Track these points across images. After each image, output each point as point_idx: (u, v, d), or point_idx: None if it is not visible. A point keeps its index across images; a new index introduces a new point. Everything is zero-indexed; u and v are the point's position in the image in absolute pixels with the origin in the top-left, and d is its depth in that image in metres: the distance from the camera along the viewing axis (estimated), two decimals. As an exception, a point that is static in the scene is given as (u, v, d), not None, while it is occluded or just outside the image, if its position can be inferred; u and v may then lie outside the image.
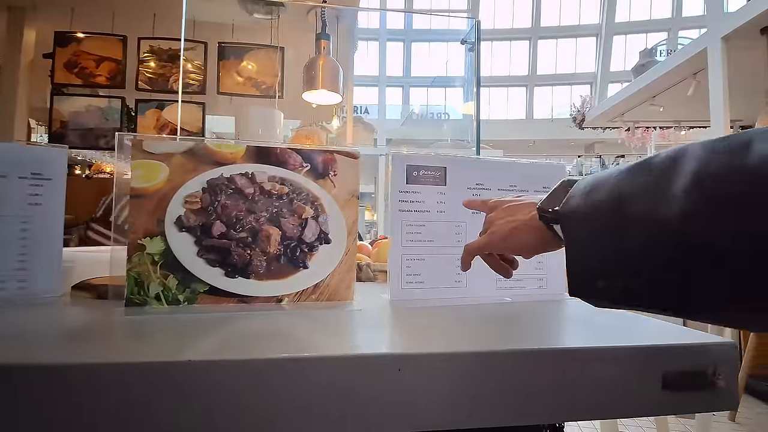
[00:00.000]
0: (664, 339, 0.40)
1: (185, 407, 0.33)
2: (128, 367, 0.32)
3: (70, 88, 2.86)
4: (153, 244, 0.51)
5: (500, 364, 0.37)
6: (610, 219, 0.32)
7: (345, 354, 0.34)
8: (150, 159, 0.51)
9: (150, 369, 0.33)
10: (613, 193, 0.32)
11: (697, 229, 0.26)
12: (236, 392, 0.34)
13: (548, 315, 0.57)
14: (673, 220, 0.27)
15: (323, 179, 0.57)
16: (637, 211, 0.30)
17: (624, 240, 0.31)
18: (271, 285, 0.54)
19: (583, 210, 0.35)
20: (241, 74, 3.10)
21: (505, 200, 0.49)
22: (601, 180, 0.35)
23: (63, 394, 0.32)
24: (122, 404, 0.32)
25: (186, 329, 0.45)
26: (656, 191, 0.29)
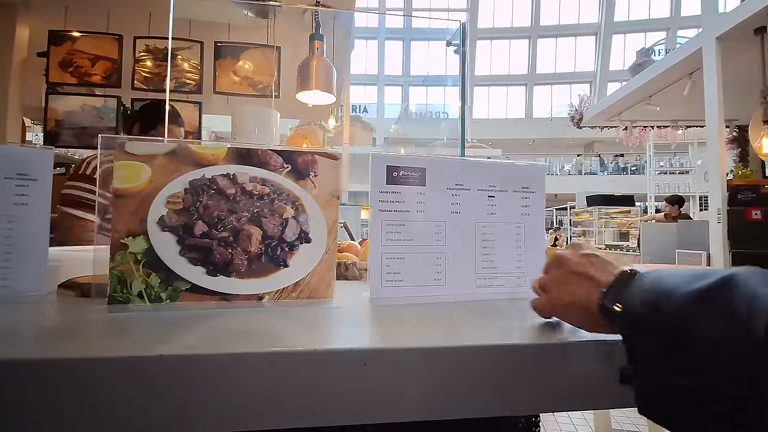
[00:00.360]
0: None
1: (158, 401, 0.34)
2: (101, 362, 0.34)
3: (65, 87, 2.87)
4: (135, 244, 0.52)
5: (468, 359, 0.39)
6: (671, 345, 0.32)
7: (311, 349, 0.36)
8: (132, 160, 0.52)
9: (122, 363, 0.34)
10: (677, 320, 0.32)
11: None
12: (207, 386, 0.35)
13: (522, 312, 0.58)
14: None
15: (304, 180, 0.58)
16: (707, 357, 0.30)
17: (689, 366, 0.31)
18: (252, 283, 0.55)
19: (645, 325, 0.34)
20: (237, 74, 3.11)
21: (571, 259, 0.46)
22: (664, 294, 0.34)
23: (40, 389, 0.33)
24: (97, 398, 0.33)
25: (166, 326, 0.46)
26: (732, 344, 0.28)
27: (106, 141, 0.52)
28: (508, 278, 0.67)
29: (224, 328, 0.47)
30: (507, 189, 0.67)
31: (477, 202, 0.65)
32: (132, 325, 0.46)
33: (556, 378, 0.40)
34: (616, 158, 18.65)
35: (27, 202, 0.58)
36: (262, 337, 0.45)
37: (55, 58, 2.81)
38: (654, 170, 9.04)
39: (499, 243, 0.66)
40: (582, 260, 0.45)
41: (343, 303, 0.59)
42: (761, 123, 3.74)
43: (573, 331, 0.45)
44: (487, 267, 0.66)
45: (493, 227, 0.66)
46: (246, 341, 0.42)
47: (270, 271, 0.56)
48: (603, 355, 0.41)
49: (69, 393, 0.33)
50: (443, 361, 0.38)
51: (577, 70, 22.06)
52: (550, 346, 0.41)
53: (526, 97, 22.73)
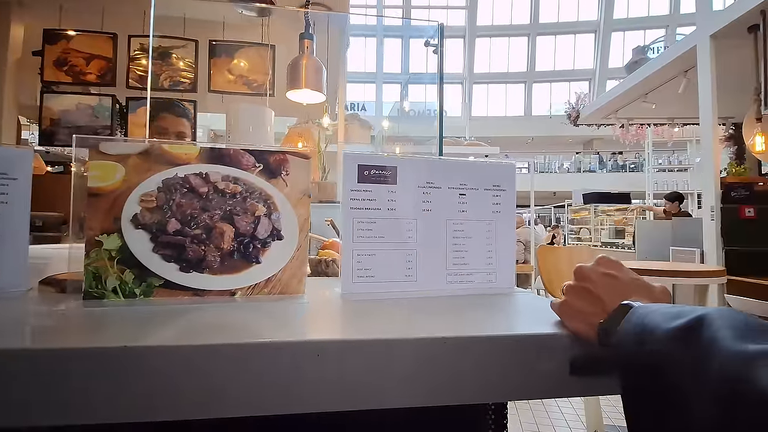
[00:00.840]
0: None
1: (123, 391, 0.36)
2: (66, 353, 0.35)
3: (60, 86, 2.88)
4: (110, 241, 0.54)
5: (427, 349, 0.40)
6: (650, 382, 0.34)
7: (276, 340, 0.37)
8: (106, 160, 0.54)
9: (87, 354, 0.35)
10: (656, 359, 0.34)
11: None
12: (171, 376, 0.37)
13: (488, 306, 0.60)
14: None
15: (276, 179, 0.60)
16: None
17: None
18: (225, 279, 0.57)
19: (633, 358, 0.36)
20: (232, 72, 3.12)
21: (590, 276, 0.47)
22: (647, 330, 0.36)
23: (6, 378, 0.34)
24: (63, 387, 0.35)
25: (138, 320, 0.48)
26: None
27: (80, 141, 0.54)
28: (479, 274, 0.68)
29: (196, 322, 0.49)
30: (478, 187, 0.68)
31: (448, 200, 0.67)
32: (105, 319, 0.48)
33: (520, 367, 0.42)
34: (613, 156, 18.66)
35: (7, 201, 0.59)
36: (232, 331, 0.46)
37: (50, 57, 2.82)
38: (652, 168, 9.05)
39: (470, 240, 0.68)
40: (599, 280, 0.46)
41: (315, 298, 0.60)
42: (754, 121, 3.75)
43: (533, 325, 0.47)
44: (458, 263, 0.67)
45: (464, 225, 0.68)
46: (215, 334, 0.44)
47: (242, 267, 0.58)
48: (566, 346, 0.42)
49: (33, 382, 0.35)
50: (403, 352, 0.40)
51: (576, 68, 22.04)
52: (515, 337, 0.43)
53: (525, 95, 22.71)
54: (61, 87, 2.91)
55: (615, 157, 18.72)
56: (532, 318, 0.55)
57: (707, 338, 0.31)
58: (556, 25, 22.03)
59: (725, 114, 5.65)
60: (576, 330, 0.44)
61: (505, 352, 0.42)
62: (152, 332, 0.45)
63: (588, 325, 0.43)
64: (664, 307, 0.37)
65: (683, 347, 0.33)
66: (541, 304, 0.60)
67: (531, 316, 0.56)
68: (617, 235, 6.63)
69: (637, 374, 0.35)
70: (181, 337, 0.41)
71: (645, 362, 0.35)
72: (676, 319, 0.34)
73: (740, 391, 0.27)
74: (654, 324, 0.36)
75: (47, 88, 2.87)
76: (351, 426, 0.51)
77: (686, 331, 0.33)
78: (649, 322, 0.36)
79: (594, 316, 0.42)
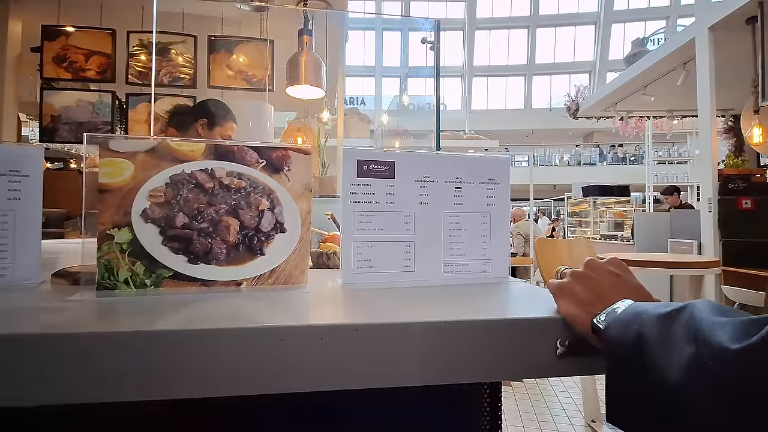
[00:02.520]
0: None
1: (141, 370, 0.39)
2: (84, 336, 0.38)
3: (59, 83, 2.89)
4: (121, 234, 0.56)
5: (423, 333, 0.43)
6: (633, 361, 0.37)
7: (277, 325, 0.40)
8: (116, 157, 0.56)
9: (103, 337, 0.38)
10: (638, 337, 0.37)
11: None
12: (180, 358, 0.39)
13: (482, 294, 0.63)
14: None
15: (278, 174, 0.62)
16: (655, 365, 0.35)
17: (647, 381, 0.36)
18: (231, 270, 0.60)
19: (617, 339, 0.39)
20: (231, 67, 3.13)
21: (601, 268, 0.50)
22: (637, 315, 0.39)
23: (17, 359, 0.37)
24: (81, 368, 0.38)
25: (149, 308, 0.50)
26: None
27: (90, 138, 0.56)
28: (475, 264, 0.71)
29: (205, 309, 0.51)
30: (473, 181, 0.71)
31: (444, 193, 0.69)
32: (117, 308, 0.51)
33: (511, 349, 0.44)
34: (612, 148, 18.64)
35: (20, 197, 0.62)
36: (238, 318, 0.49)
37: (49, 54, 2.83)
38: (652, 160, 9.06)
39: (466, 232, 0.70)
40: (606, 275, 0.49)
41: (317, 288, 0.63)
42: (752, 112, 3.76)
43: (524, 310, 0.49)
44: (454, 254, 0.70)
45: (459, 217, 0.70)
46: (224, 320, 0.46)
47: (247, 259, 0.60)
48: (554, 330, 0.45)
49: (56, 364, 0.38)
50: (401, 335, 0.42)
51: (577, 60, 21.96)
52: (506, 321, 0.45)
53: (525, 88, 22.65)
54: (60, 83, 2.92)
55: (615, 149, 18.71)
56: (523, 304, 0.58)
57: (688, 315, 0.36)
58: (557, 16, 21.91)
59: (725, 106, 5.66)
60: (567, 312, 0.46)
61: (497, 335, 0.44)
62: (164, 318, 0.47)
63: (582, 311, 0.45)
64: (657, 304, 0.41)
65: (668, 324, 0.36)
66: (531, 292, 0.63)
67: (522, 302, 0.59)
68: (616, 228, 6.66)
69: (623, 352, 0.38)
70: (191, 322, 0.44)
71: (632, 340, 0.38)
72: (665, 308, 0.38)
73: (702, 345, 0.32)
74: (644, 310, 0.40)
75: (47, 84, 2.89)
76: (348, 406, 0.53)
77: (671, 313, 0.37)
78: (641, 310, 0.40)
79: (591, 306, 0.45)
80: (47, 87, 2.91)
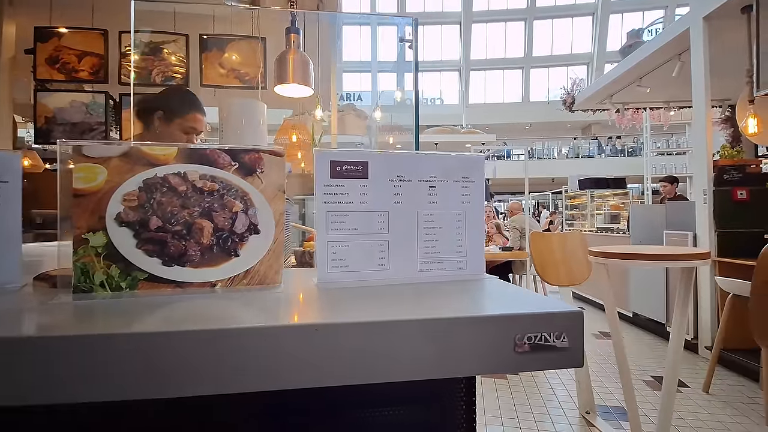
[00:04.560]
0: (523, 308, 0.47)
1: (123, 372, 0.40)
2: (55, 340, 0.39)
3: (53, 84, 2.89)
4: (96, 238, 0.57)
5: (378, 332, 0.44)
6: None
7: (233, 327, 0.41)
8: (89, 162, 0.57)
9: (75, 340, 0.39)
10: None
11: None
12: (150, 360, 0.41)
13: (452, 293, 0.64)
14: None
15: (251, 176, 0.63)
16: None
17: None
18: (206, 272, 0.61)
19: None
20: (223, 66, 3.13)
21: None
22: None
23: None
24: (53, 372, 0.39)
25: (118, 311, 0.52)
26: None
27: (64, 144, 0.57)
28: (450, 262, 0.72)
29: (178, 311, 0.53)
30: (447, 179, 0.72)
31: (418, 192, 0.70)
32: (94, 311, 0.52)
33: (469, 346, 0.46)
34: (610, 140, 18.59)
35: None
36: (209, 318, 0.50)
37: (42, 55, 2.83)
38: (651, 151, 9.05)
39: (441, 230, 0.71)
40: None
41: (292, 288, 0.64)
42: (747, 103, 3.76)
43: (487, 307, 0.51)
44: (429, 252, 0.71)
45: (434, 215, 0.71)
46: (194, 322, 0.48)
47: (222, 260, 0.62)
48: (509, 326, 0.46)
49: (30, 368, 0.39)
50: (356, 335, 0.44)
51: (574, 52, 21.85)
52: (464, 319, 0.46)
53: (523, 81, 22.56)
54: (54, 85, 2.92)
55: (613, 141, 18.67)
56: (493, 301, 0.59)
57: None
58: (554, 8, 21.78)
59: (721, 96, 5.65)
60: None
61: (457, 332, 0.45)
62: (128, 321, 0.48)
63: None
64: None
65: None
66: (502, 288, 0.64)
67: (491, 300, 0.60)
68: (613, 220, 6.67)
69: None
70: (161, 324, 0.45)
71: None
72: None
73: None
74: None
75: (41, 86, 2.89)
76: (322, 404, 0.55)
77: None
78: None
79: None
80: (41, 89, 2.91)
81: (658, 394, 2.73)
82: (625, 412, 2.38)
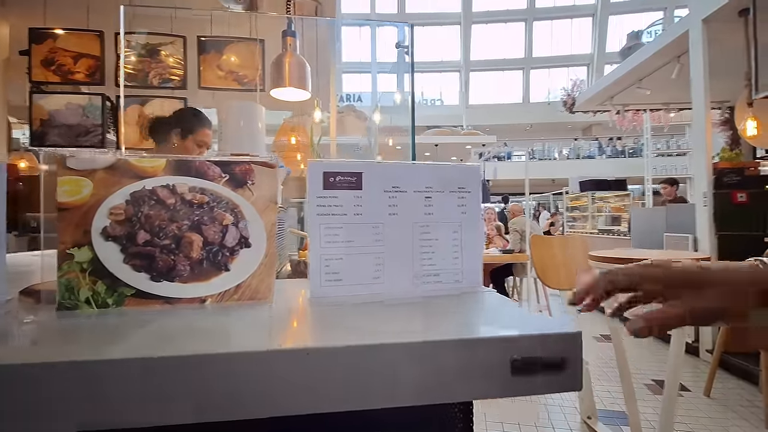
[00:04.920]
0: (520, 329, 0.45)
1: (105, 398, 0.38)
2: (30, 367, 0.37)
3: (48, 86, 2.87)
4: (81, 254, 0.56)
5: (370, 356, 0.42)
6: None
7: (221, 352, 0.39)
8: (74, 175, 0.56)
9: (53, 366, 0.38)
10: None
11: None
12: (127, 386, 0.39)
13: (448, 311, 0.62)
14: None
15: (242, 188, 0.61)
16: None
17: None
18: (195, 287, 0.59)
19: None
20: (222, 68, 3.11)
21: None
22: None
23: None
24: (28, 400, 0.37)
25: (109, 330, 0.50)
26: None
27: (47, 156, 0.55)
28: (446, 274, 0.70)
29: (164, 330, 0.51)
30: (443, 190, 0.70)
31: (414, 203, 0.69)
32: (77, 330, 0.50)
33: (476, 369, 0.44)
34: (611, 141, 18.58)
35: (-18, 215, 0.61)
36: (194, 340, 0.48)
37: (37, 57, 2.81)
38: (651, 153, 9.04)
39: (437, 242, 0.70)
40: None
41: (283, 304, 0.62)
42: (746, 105, 3.74)
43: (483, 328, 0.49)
44: (425, 265, 0.69)
45: (430, 227, 0.69)
46: (179, 344, 0.46)
47: (212, 275, 0.60)
48: (504, 348, 0.44)
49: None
50: (348, 359, 0.42)
51: (574, 53, 21.85)
52: (471, 341, 0.44)
53: (523, 82, 22.56)
54: (50, 87, 2.90)
55: (614, 142, 18.65)
56: (490, 319, 0.57)
57: None
58: (554, 9, 21.78)
59: (721, 98, 5.63)
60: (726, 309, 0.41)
61: (452, 355, 0.43)
62: (118, 343, 0.47)
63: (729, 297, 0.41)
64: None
65: None
66: (500, 304, 0.62)
67: (488, 317, 0.58)
68: (613, 222, 6.66)
69: None
70: (144, 348, 0.43)
71: None
72: None
73: None
74: None
75: (36, 88, 2.87)
76: (313, 430, 0.53)
77: None
78: None
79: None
80: (36, 90, 2.89)
81: (659, 398, 2.71)
82: (626, 417, 2.36)
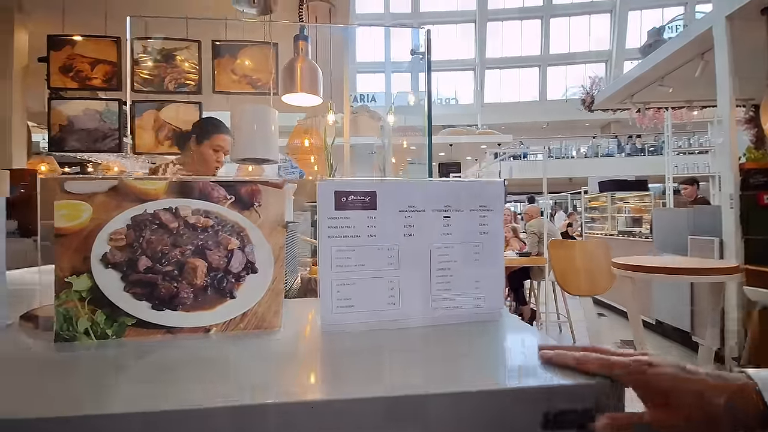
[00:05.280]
0: (549, 380, 0.41)
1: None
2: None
3: (67, 92, 2.90)
4: (80, 282, 0.53)
5: (388, 409, 0.38)
6: None
7: (219, 405, 0.36)
8: (72, 199, 0.53)
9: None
10: None
11: None
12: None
13: (469, 349, 0.58)
14: None
15: (248, 210, 0.58)
16: None
17: None
18: (199, 316, 0.56)
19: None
20: (236, 72, 3.11)
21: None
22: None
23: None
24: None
25: (108, 364, 0.47)
26: None
27: (44, 182, 0.52)
28: (466, 299, 0.66)
29: (164, 369, 0.47)
30: (463, 209, 0.66)
31: (431, 223, 0.64)
32: (75, 365, 0.47)
33: (491, 423, 0.39)
34: (630, 139, 18.18)
35: (-18, 238, 0.59)
36: (198, 376, 0.45)
37: (56, 63, 2.84)
38: (672, 151, 8.81)
39: (456, 264, 0.65)
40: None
41: (291, 332, 0.59)
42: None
43: (510, 373, 0.44)
44: (442, 289, 0.65)
45: (448, 248, 0.65)
46: (161, 398, 0.43)
47: (216, 302, 0.57)
48: (540, 399, 0.40)
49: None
50: (361, 412, 0.38)
51: (592, 49, 21.45)
52: (496, 392, 0.39)
53: (540, 79, 22.24)
54: (68, 93, 2.93)
55: (633, 140, 18.25)
56: (514, 358, 0.52)
57: None
58: (571, 5, 21.42)
59: (746, 96, 5.43)
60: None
61: (479, 408, 0.39)
62: (108, 392, 0.44)
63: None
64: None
65: None
66: (522, 334, 0.58)
67: (511, 355, 0.53)
68: (634, 224, 6.48)
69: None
70: (139, 398, 0.40)
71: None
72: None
73: None
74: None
75: (55, 94, 2.90)
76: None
77: None
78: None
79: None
80: (55, 96, 2.92)
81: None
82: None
